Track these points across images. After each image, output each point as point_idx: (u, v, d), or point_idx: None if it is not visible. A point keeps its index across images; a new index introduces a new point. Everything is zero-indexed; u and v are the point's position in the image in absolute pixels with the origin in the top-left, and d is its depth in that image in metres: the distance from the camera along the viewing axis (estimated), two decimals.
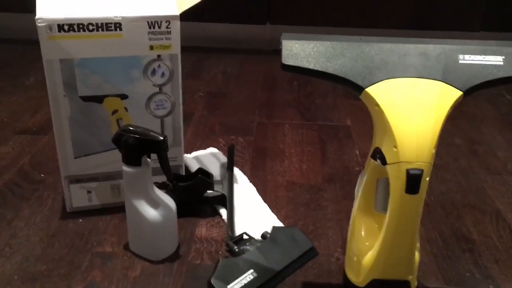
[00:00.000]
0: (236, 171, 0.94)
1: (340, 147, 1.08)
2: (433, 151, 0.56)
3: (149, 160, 0.71)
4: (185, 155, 0.99)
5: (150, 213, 0.71)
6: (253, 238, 0.76)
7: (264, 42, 1.69)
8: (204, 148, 1.04)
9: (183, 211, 0.83)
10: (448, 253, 0.78)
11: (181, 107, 0.82)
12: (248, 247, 0.73)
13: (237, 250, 0.73)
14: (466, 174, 1.00)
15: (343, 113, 1.24)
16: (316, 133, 1.14)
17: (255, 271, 0.70)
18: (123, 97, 0.78)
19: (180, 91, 0.81)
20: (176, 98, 0.81)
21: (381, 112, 0.57)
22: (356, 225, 0.68)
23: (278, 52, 0.62)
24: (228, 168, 0.89)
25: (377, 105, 0.57)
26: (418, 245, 0.64)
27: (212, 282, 0.67)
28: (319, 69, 0.58)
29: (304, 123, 1.19)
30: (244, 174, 0.95)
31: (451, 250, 0.79)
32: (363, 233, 0.67)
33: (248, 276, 0.69)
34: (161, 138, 0.68)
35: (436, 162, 1.08)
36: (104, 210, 0.84)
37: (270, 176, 0.97)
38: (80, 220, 0.82)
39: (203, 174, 0.84)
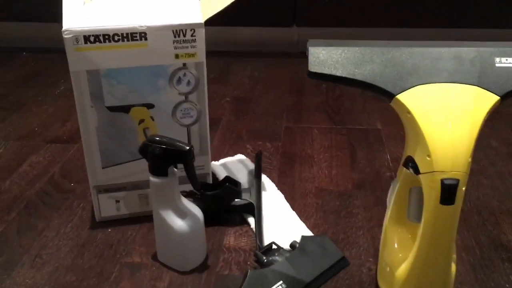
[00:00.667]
0: (264, 178, 0.93)
1: (371, 152, 1.05)
2: (469, 159, 0.54)
3: (175, 170, 0.70)
4: (212, 162, 0.98)
5: (178, 223, 0.71)
6: (282, 248, 0.74)
7: (290, 45, 1.68)
8: (232, 155, 1.03)
9: (210, 220, 0.82)
10: (486, 262, 0.75)
11: (207, 115, 0.81)
12: (277, 258, 0.72)
13: (265, 260, 0.72)
14: (504, 179, 0.96)
15: (373, 116, 1.22)
16: (345, 138, 1.12)
17: (284, 282, 0.68)
18: (150, 106, 0.77)
19: (206, 99, 0.80)
20: (202, 106, 0.80)
21: (413, 120, 0.55)
22: (389, 235, 0.66)
23: (305, 54, 0.60)
24: (255, 176, 0.88)
25: (409, 112, 0.55)
26: (454, 256, 0.62)
27: None
28: (347, 76, 0.57)
29: (332, 127, 1.17)
30: (272, 181, 0.93)
31: (489, 259, 0.76)
32: (396, 243, 0.65)
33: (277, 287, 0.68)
34: (187, 148, 0.67)
35: (472, 166, 1.04)
36: (133, 219, 0.84)
37: (298, 182, 0.95)
38: (109, 230, 0.82)
39: (231, 183, 0.83)
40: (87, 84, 0.73)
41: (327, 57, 0.58)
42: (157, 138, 0.69)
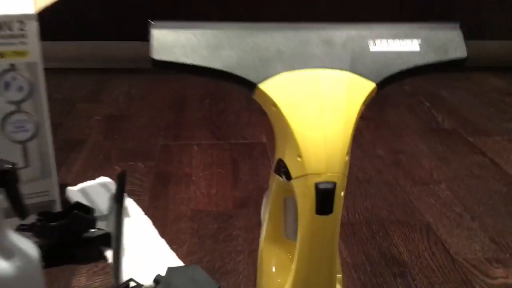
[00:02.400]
0: (129, 202, 0.79)
1: (254, 167, 0.96)
2: (346, 158, 0.45)
3: None
4: (68, 188, 0.83)
5: (1, 265, 0.55)
6: (142, 286, 0.61)
7: None
8: (96, 178, 0.88)
9: (57, 257, 0.67)
10: (377, 280, 0.67)
11: (49, 128, 0.66)
12: None
13: None
14: (391, 187, 0.91)
15: (258, 130, 1.13)
16: (228, 153, 1.02)
17: None
18: None
19: (46, 108, 0.65)
20: (41, 118, 0.65)
21: (279, 114, 0.45)
22: (265, 258, 0.55)
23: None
24: (115, 200, 0.73)
25: (274, 104, 0.46)
26: (339, 276, 0.52)
27: None
28: (201, 64, 0.46)
29: (214, 142, 1.06)
30: (140, 205, 0.80)
31: (381, 276, 0.68)
32: (273, 267, 0.55)
33: None
34: (7, 166, 0.52)
35: (359, 176, 0.99)
36: None
37: (172, 205, 0.83)
38: None
39: (81, 209, 0.68)
40: None
41: (175, 42, 0.47)
42: None
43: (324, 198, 0.44)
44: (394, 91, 1.39)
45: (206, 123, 1.16)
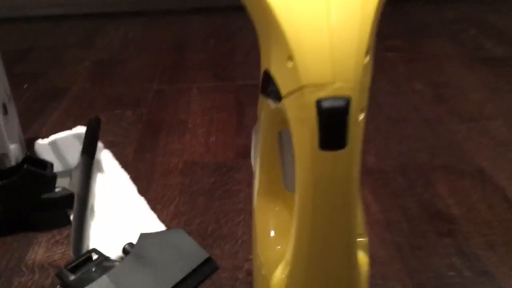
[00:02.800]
0: (104, 154, 0.64)
1: None
2: (366, 58, 0.28)
3: None
4: (38, 141, 0.69)
5: None
6: (107, 258, 0.47)
7: (177, 0, 1.39)
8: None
9: (11, 224, 0.54)
10: (418, 241, 0.51)
11: None
12: (94, 274, 0.44)
13: (73, 281, 0.44)
14: (432, 126, 0.73)
15: None
16: (233, 96, 0.85)
17: None
18: None
19: None
20: None
21: None
22: (260, 218, 0.40)
23: (194, 10, 0.32)
24: (82, 152, 0.59)
25: None
26: (363, 240, 0.37)
27: None
28: None
29: (218, 84, 0.90)
30: (123, 158, 0.65)
31: (423, 235, 0.52)
32: (271, 230, 0.39)
33: None
34: None
35: (391, 115, 0.81)
36: None
37: (161, 157, 0.68)
38: None
39: (35, 164, 0.54)
40: None
41: None
42: None
43: (331, 122, 0.28)
44: (432, 19, 1.18)
45: (210, 64, 0.99)
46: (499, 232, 0.52)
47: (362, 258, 0.36)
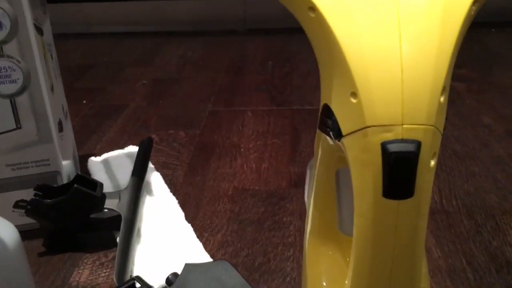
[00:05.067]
0: (154, 177, 0.63)
1: None
2: (441, 98, 0.25)
3: None
4: (91, 158, 0.69)
5: None
6: (150, 287, 0.45)
7: (236, 22, 1.39)
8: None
9: (59, 243, 0.53)
10: None
11: (42, 78, 0.52)
12: None
13: None
14: (502, 164, 0.67)
15: None
16: (288, 121, 0.83)
17: None
18: None
19: (37, 53, 0.51)
20: (31, 65, 0.51)
21: (321, 22, 0.26)
22: (311, 261, 0.37)
23: (253, 32, 0.31)
24: (133, 174, 0.58)
25: (313, 7, 0.27)
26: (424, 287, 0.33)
27: None
28: None
29: (273, 108, 0.88)
30: (173, 181, 0.64)
31: (490, 287, 0.47)
32: (323, 276, 0.36)
33: None
34: None
35: (457, 150, 0.76)
36: None
37: (211, 181, 0.66)
38: None
39: (85, 183, 0.53)
40: None
41: None
42: None
43: (398, 169, 0.25)
44: (504, 47, 1.11)
45: (266, 87, 0.98)
46: None
47: None
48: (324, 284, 0.36)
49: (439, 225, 0.56)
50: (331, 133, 0.29)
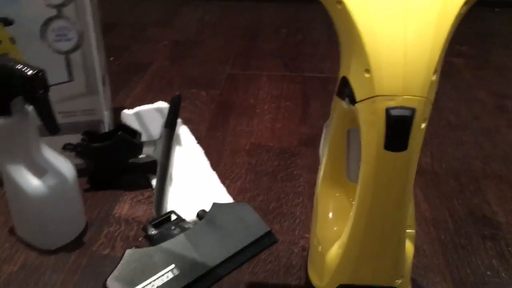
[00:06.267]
0: (183, 130, 0.72)
1: (327, 103, 0.83)
2: (433, 77, 0.33)
3: (27, 107, 0.49)
4: (124, 111, 0.77)
5: (32, 183, 0.50)
6: (183, 220, 0.54)
7: None
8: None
9: (102, 181, 0.62)
10: (461, 241, 0.55)
11: (93, 38, 0.60)
12: (173, 232, 0.52)
13: (155, 235, 0.52)
14: (490, 136, 0.76)
15: (337, 64, 0.99)
16: (300, 86, 0.91)
17: (177, 266, 0.48)
18: (7, 22, 0.56)
19: (90, 15, 0.58)
20: (84, 25, 0.58)
21: (345, 13, 0.34)
22: (321, 202, 0.46)
23: None
24: (166, 125, 0.67)
25: (340, 1, 0.34)
26: (411, 231, 0.42)
27: (108, 285, 0.46)
28: None
29: (286, 74, 0.96)
30: (196, 135, 0.73)
31: (467, 236, 0.56)
32: (330, 213, 0.45)
33: (165, 274, 0.48)
34: (32, 72, 0.46)
35: (451, 121, 0.84)
36: None
37: (230, 137, 0.75)
38: None
39: (127, 132, 0.62)
40: None
41: None
42: None
43: (397, 128, 0.33)
44: (505, 27, 1.18)
45: (280, 54, 1.05)
46: None
47: (409, 247, 0.41)
48: (331, 217, 0.45)
49: (428, 183, 0.65)
50: (347, 99, 0.37)
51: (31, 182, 0.50)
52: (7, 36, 0.56)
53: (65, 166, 0.53)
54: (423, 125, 0.34)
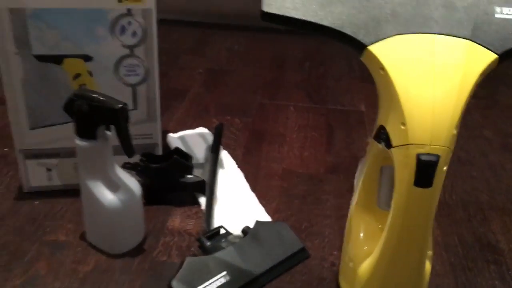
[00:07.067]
0: (224, 154, 0.81)
1: (350, 134, 0.94)
2: (454, 132, 0.43)
3: (108, 133, 0.59)
4: (170, 134, 0.87)
5: (107, 197, 0.60)
6: (231, 234, 0.63)
7: None
8: (194, 128, 0.91)
9: (155, 197, 0.71)
10: (469, 264, 0.64)
11: (157, 74, 0.69)
12: (223, 244, 0.61)
13: (209, 246, 0.61)
14: (495, 172, 0.85)
15: (357, 98, 1.10)
16: (324, 118, 1.00)
17: (228, 273, 0.57)
18: (87, 58, 0.66)
19: (156, 55, 0.68)
20: (151, 64, 0.68)
21: (386, 78, 0.44)
22: (354, 225, 0.55)
23: (292, 31, 0.49)
24: (212, 150, 0.76)
25: (382, 68, 0.44)
26: (430, 253, 0.51)
27: (172, 286, 0.55)
28: (309, 19, 0.45)
29: (311, 106, 1.05)
30: (234, 159, 0.82)
31: (473, 260, 0.65)
32: (361, 234, 0.54)
33: (219, 279, 0.57)
34: (119, 105, 0.56)
35: (461, 156, 0.94)
36: (66, 192, 0.72)
37: (264, 162, 0.84)
38: (36, 202, 0.71)
39: (181, 155, 0.71)
40: (11, 25, 0.62)
41: None
42: (85, 93, 0.57)
43: (425, 170, 0.42)
44: (509, 69, 1.27)
45: (304, 86, 1.15)
46: None
47: (427, 265, 0.50)
48: (362, 240, 0.53)
49: (441, 213, 0.73)
50: (383, 143, 0.46)
51: (107, 196, 0.60)
52: (86, 69, 0.66)
53: (133, 183, 0.63)
54: (445, 168, 0.43)
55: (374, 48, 0.44)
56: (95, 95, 0.57)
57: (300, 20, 0.45)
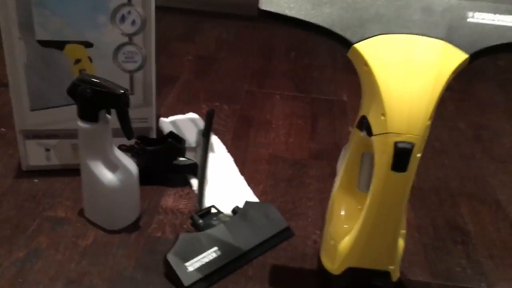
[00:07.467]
0: (214, 139, 0.86)
1: (332, 123, 0.99)
2: (428, 122, 0.48)
3: (109, 116, 0.63)
4: (162, 118, 0.91)
5: (107, 176, 0.64)
6: (222, 213, 0.68)
7: None
8: (185, 113, 0.95)
9: (150, 178, 0.75)
10: (438, 243, 0.70)
11: (153, 62, 0.73)
12: (215, 222, 0.66)
13: (201, 224, 0.65)
14: (467, 160, 0.91)
15: (340, 88, 1.15)
16: (309, 106, 1.05)
17: (219, 249, 0.62)
18: (88, 45, 0.69)
19: (153, 43, 0.72)
20: (148, 51, 0.72)
21: (369, 73, 0.48)
22: (336, 205, 0.60)
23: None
24: (203, 135, 0.80)
25: (366, 64, 0.49)
26: (403, 231, 0.56)
27: (168, 259, 0.60)
28: (302, 17, 0.50)
29: (297, 95, 1.10)
30: (223, 143, 0.86)
31: (443, 240, 0.71)
32: (342, 214, 0.59)
33: (210, 254, 0.61)
34: (121, 91, 0.60)
35: (435, 146, 1.00)
36: (64, 172, 0.76)
37: (252, 147, 0.89)
38: (35, 180, 0.74)
39: (174, 139, 0.75)
40: (15, 11, 0.65)
41: None
42: (88, 78, 0.61)
43: (401, 156, 0.47)
44: (486, 65, 1.34)
45: (291, 75, 1.19)
46: (500, 248, 0.70)
47: (401, 242, 0.56)
48: (343, 219, 0.59)
49: (415, 197, 0.79)
50: (365, 131, 0.51)
51: (106, 175, 0.64)
52: (87, 55, 0.70)
53: (130, 163, 0.67)
54: (419, 155, 0.49)
55: (359, 46, 0.49)
56: (98, 81, 0.60)
57: (293, 18, 0.50)
